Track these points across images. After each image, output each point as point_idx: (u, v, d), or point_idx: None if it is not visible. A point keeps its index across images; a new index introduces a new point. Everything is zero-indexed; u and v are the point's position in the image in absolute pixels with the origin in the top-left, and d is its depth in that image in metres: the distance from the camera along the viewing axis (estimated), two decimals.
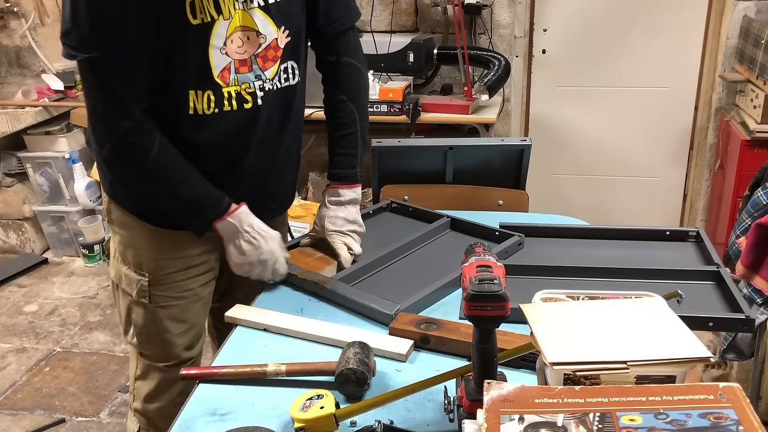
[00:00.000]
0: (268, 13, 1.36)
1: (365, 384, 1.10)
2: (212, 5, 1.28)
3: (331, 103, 1.57)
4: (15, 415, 2.58)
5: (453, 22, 3.26)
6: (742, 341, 2.04)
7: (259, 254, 1.41)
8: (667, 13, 3.48)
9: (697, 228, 1.64)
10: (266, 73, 1.40)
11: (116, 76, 1.26)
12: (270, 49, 1.39)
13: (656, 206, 3.84)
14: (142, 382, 1.61)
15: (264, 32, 1.37)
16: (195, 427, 1.06)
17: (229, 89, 1.36)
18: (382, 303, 1.33)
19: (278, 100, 1.45)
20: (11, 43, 4.10)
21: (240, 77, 1.36)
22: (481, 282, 0.89)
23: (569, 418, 0.74)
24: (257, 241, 1.41)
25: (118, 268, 1.54)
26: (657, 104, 3.65)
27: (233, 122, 1.39)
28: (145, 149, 1.32)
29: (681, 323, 0.89)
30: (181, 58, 1.29)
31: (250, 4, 1.33)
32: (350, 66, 1.55)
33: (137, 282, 1.50)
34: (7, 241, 3.91)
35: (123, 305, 1.57)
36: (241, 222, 1.40)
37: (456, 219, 1.72)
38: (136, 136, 1.31)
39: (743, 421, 0.71)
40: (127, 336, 1.59)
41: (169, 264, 1.50)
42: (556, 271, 1.46)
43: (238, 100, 1.37)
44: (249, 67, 1.37)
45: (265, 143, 1.46)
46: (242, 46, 1.34)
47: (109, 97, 1.29)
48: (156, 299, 1.51)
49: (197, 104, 1.34)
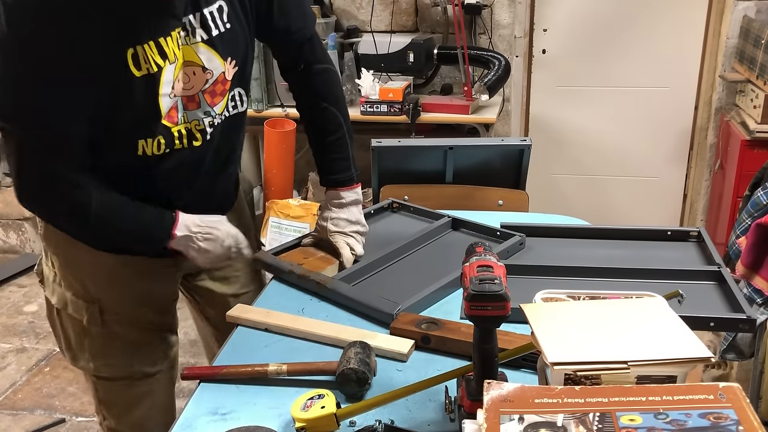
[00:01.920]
0: (212, 46, 1.29)
1: (366, 384, 1.10)
2: (156, 53, 1.20)
3: (312, 111, 1.55)
4: (15, 415, 2.58)
5: (453, 22, 3.26)
6: (742, 341, 2.04)
7: (220, 243, 1.38)
8: (667, 13, 3.49)
9: (699, 228, 1.64)
10: (215, 108, 1.34)
11: (54, 146, 1.19)
12: (218, 84, 1.32)
13: (656, 206, 3.84)
14: (108, 404, 1.52)
15: (210, 67, 1.29)
16: (196, 426, 1.06)
17: (179, 127, 1.29)
18: (383, 303, 1.33)
19: (227, 128, 1.40)
20: None
21: (189, 114, 1.30)
22: (481, 282, 0.89)
23: (569, 418, 0.74)
24: (212, 234, 1.37)
25: (60, 294, 1.43)
26: (657, 104, 3.65)
27: (183, 158, 1.33)
28: (84, 205, 1.25)
29: (682, 323, 0.89)
30: (126, 111, 1.22)
31: (192, 38, 1.26)
32: (324, 72, 1.54)
33: (86, 308, 1.41)
34: (7, 241, 3.91)
35: (71, 330, 1.46)
36: (188, 227, 1.34)
37: (457, 219, 1.72)
38: (75, 197, 1.25)
39: (743, 421, 0.71)
40: (80, 362, 1.48)
41: (118, 289, 1.42)
42: (556, 271, 1.46)
43: (188, 138, 1.32)
44: (197, 103, 1.31)
45: (212, 169, 1.42)
46: (189, 81, 1.27)
47: (43, 169, 1.21)
48: (109, 324, 1.42)
49: (147, 149, 1.28)
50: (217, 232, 1.38)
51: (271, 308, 1.37)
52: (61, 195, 1.24)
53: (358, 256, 1.54)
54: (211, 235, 1.37)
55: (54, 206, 1.27)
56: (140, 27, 1.18)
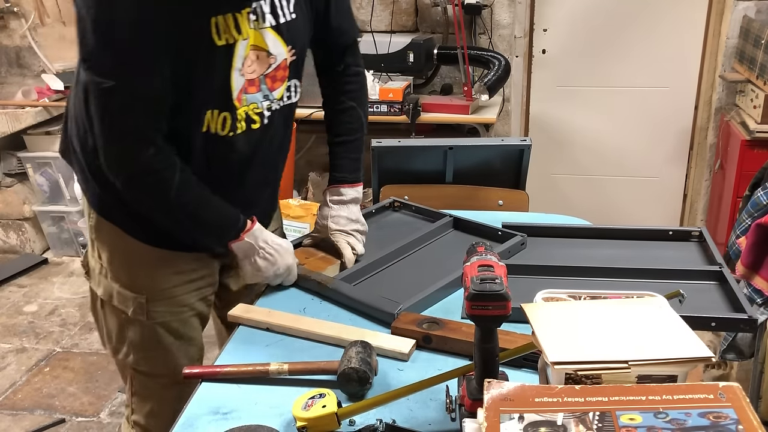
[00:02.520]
0: (279, 33, 1.34)
1: (367, 383, 1.10)
2: (233, 26, 1.25)
3: (338, 109, 1.58)
4: (15, 415, 2.58)
5: (453, 22, 3.26)
6: (742, 341, 2.05)
7: (275, 270, 1.41)
8: (667, 13, 3.49)
9: (700, 228, 1.64)
10: (274, 93, 1.39)
11: (140, 103, 1.22)
12: (279, 70, 1.38)
13: (656, 206, 3.85)
14: (141, 398, 1.55)
15: (274, 53, 1.35)
16: (198, 425, 1.06)
17: (240, 110, 1.34)
18: (384, 302, 1.34)
19: (281, 118, 1.44)
20: (11, 43, 4.10)
21: (248, 97, 1.34)
22: (482, 281, 0.89)
23: (569, 417, 0.74)
24: (273, 257, 1.40)
25: (107, 286, 1.46)
26: (657, 104, 3.65)
27: (241, 142, 1.37)
28: (167, 177, 1.28)
29: (683, 323, 0.90)
30: (203, 80, 1.26)
31: (262, 23, 1.31)
32: (359, 74, 1.61)
33: (133, 299, 1.44)
34: (7, 241, 3.91)
35: (113, 323, 1.49)
36: (256, 239, 1.38)
37: (459, 218, 1.72)
38: (159, 164, 1.27)
39: (743, 420, 0.71)
40: (119, 354, 1.51)
41: (166, 279, 1.45)
42: (557, 270, 1.46)
43: (246, 121, 1.36)
44: (257, 86, 1.35)
45: (265, 160, 1.46)
46: (251, 65, 1.32)
47: (131, 126, 1.23)
48: (154, 315, 1.45)
49: (212, 124, 1.32)
50: (278, 257, 1.41)
51: (272, 308, 1.37)
52: (149, 158, 1.25)
53: (359, 256, 1.55)
54: (271, 257, 1.40)
55: (143, 169, 1.27)
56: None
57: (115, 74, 1.19)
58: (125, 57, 1.18)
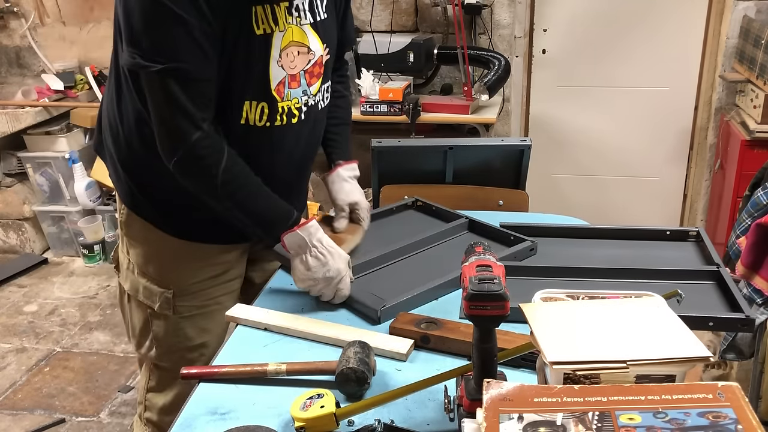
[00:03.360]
0: (316, 30, 1.40)
1: (365, 383, 1.10)
2: (270, 17, 1.29)
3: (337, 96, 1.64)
4: (15, 415, 2.58)
5: (453, 22, 3.26)
6: (742, 341, 2.04)
7: (325, 271, 1.36)
8: (667, 13, 3.49)
9: (698, 228, 1.64)
10: (311, 88, 1.43)
11: (187, 85, 1.23)
12: (316, 66, 1.42)
13: (656, 206, 3.84)
14: (158, 394, 1.58)
15: (313, 48, 1.39)
16: (196, 426, 1.06)
17: (282, 104, 1.37)
18: (370, 298, 1.34)
19: (316, 117, 1.48)
20: (11, 43, 4.10)
21: (292, 92, 1.38)
22: (481, 281, 0.89)
23: (568, 417, 0.74)
24: (324, 257, 1.36)
25: (134, 281, 1.51)
26: (657, 104, 3.65)
27: (278, 135, 1.40)
28: (215, 161, 1.29)
29: (681, 323, 0.89)
30: (242, 69, 1.29)
31: (303, 20, 1.36)
32: (347, 71, 1.76)
33: (160, 294, 1.48)
34: (7, 241, 3.92)
35: (138, 317, 1.53)
36: (310, 236, 1.36)
37: (474, 221, 1.71)
38: (205, 147, 1.28)
39: (742, 420, 0.71)
40: (142, 348, 1.56)
41: (193, 274, 1.48)
42: (556, 270, 1.46)
43: (288, 115, 1.39)
44: (298, 82, 1.39)
45: (296, 158, 1.48)
46: (293, 60, 1.36)
47: (179, 108, 1.25)
48: (180, 310, 1.49)
49: (250, 114, 1.34)
50: (331, 259, 1.37)
51: (270, 308, 1.37)
52: (195, 140, 1.26)
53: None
54: (323, 257, 1.36)
55: (191, 152, 1.28)
56: None
57: (164, 57, 1.20)
58: (174, 40, 1.20)
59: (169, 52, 1.21)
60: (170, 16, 1.18)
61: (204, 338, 1.54)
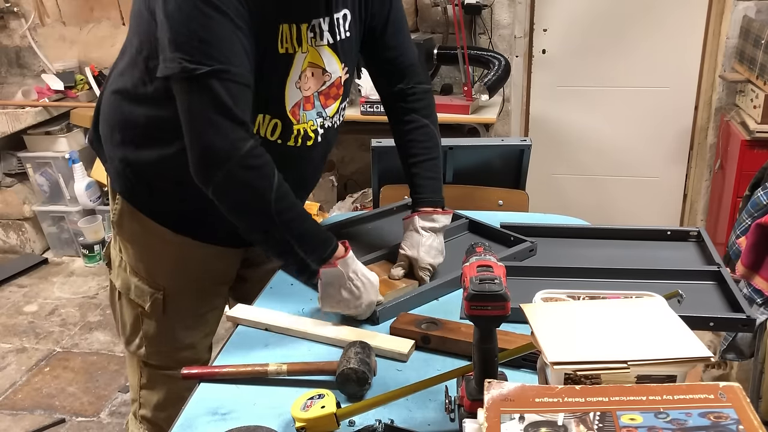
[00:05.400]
0: (335, 50, 1.35)
1: (366, 383, 1.10)
2: (295, 37, 1.27)
3: (411, 128, 1.53)
4: (15, 415, 2.58)
5: (453, 22, 3.26)
6: (742, 341, 2.04)
7: (357, 304, 1.28)
8: (667, 13, 3.49)
9: (698, 228, 1.64)
10: (327, 110, 1.40)
11: (237, 90, 1.17)
12: (333, 87, 1.38)
13: (656, 206, 3.84)
14: (150, 391, 1.59)
15: (330, 70, 1.36)
16: (196, 426, 1.06)
17: (298, 126, 1.34)
18: None
19: (328, 139, 1.44)
20: (11, 43, 4.10)
21: (307, 114, 1.36)
22: (481, 282, 0.89)
23: (569, 417, 0.74)
24: (358, 291, 1.27)
25: (125, 279, 1.50)
26: (657, 104, 3.65)
27: (291, 156, 1.37)
28: (267, 174, 1.20)
29: (681, 323, 0.89)
30: (260, 84, 1.25)
31: (319, 41, 1.32)
32: (427, 92, 1.55)
33: (151, 294, 1.47)
34: (7, 241, 3.92)
35: (129, 315, 1.53)
36: (347, 268, 1.26)
37: (475, 221, 1.71)
38: (259, 156, 1.20)
39: (743, 420, 0.71)
40: (131, 346, 1.55)
41: (185, 276, 1.48)
42: (556, 271, 1.46)
43: (303, 138, 1.36)
44: (312, 104, 1.36)
45: (307, 178, 1.47)
46: (307, 82, 1.33)
47: (229, 113, 1.16)
48: (170, 311, 1.48)
49: (261, 127, 1.31)
50: (364, 292, 1.28)
51: (271, 308, 1.37)
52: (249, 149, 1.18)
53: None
54: (357, 291, 1.27)
55: (236, 163, 1.17)
56: (293, 8, 1.25)
57: (213, 59, 1.14)
58: (222, 42, 1.15)
59: (218, 53, 1.14)
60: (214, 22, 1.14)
61: (193, 338, 1.55)
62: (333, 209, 3.49)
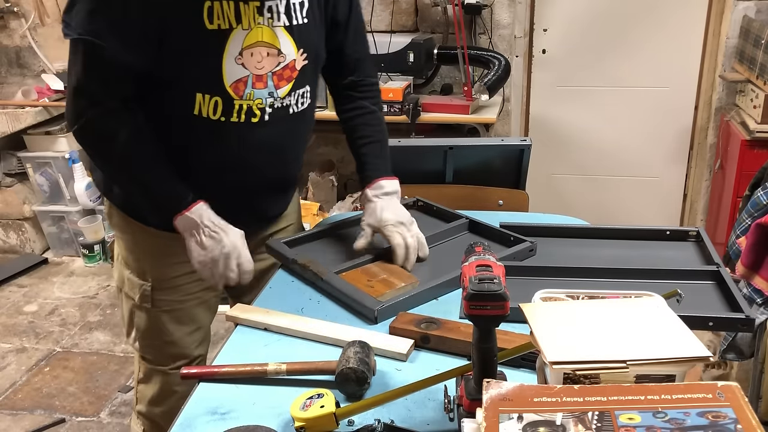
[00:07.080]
0: (291, 33, 1.38)
1: (365, 383, 1.10)
2: (232, 13, 1.28)
3: (360, 113, 1.62)
4: (15, 415, 2.58)
5: (453, 22, 3.26)
6: (742, 341, 2.04)
7: (221, 248, 1.38)
8: (667, 13, 3.49)
9: (698, 228, 1.64)
10: (279, 91, 1.41)
11: (99, 63, 1.26)
12: (287, 69, 1.40)
13: (656, 206, 3.84)
14: (145, 385, 1.62)
15: (285, 52, 1.38)
16: (195, 425, 1.06)
17: (241, 102, 1.36)
18: (367, 298, 1.34)
19: (286, 122, 1.45)
20: (11, 43, 4.10)
21: (256, 92, 1.37)
22: (480, 281, 0.89)
23: (568, 416, 0.74)
24: (218, 235, 1.38)
25: (120, 272, 1.56)
26: (657, 104, 3.65)
27: (236, 132, 1.39)
28: (110, 136, 1.32)
29: (680, 323, 0.89)
30: (191, 61, 1.29)
31: (276, 22, 1.35)
32: (375, 85, 1.67)
33: (140, 287, 1.52)
34: (7, 241, 3.92)
35: (126, 308, 1.59)
36: (201, 217, 1.37)
37: (474, 221, 1.71)
38: (103, 123, 1.31)
39: (741, 419, 0.71)
40: (130, 339, 1.61)
41: (171, 269, 1.50)
42: (556, 270, 1.45)
43: (247, 114, 1.38)
44: (264, 83, 1.38)
45: (260, 160, 1.46)
46: (261, 61, 1.35)
47: (87, 81, 1.28)
48: (159, 303, 1.52)
49: (203, 107, 1.34)
50: (224, 236, 1.39)
51: (270, 308, 1.37)
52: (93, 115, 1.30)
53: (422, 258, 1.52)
54: (216, 235, 1.38)
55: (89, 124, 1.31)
56: None
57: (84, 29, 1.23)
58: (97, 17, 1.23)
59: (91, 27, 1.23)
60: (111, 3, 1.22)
61: (184, 332, 1.57)
62: (333, 209, 3.49)
